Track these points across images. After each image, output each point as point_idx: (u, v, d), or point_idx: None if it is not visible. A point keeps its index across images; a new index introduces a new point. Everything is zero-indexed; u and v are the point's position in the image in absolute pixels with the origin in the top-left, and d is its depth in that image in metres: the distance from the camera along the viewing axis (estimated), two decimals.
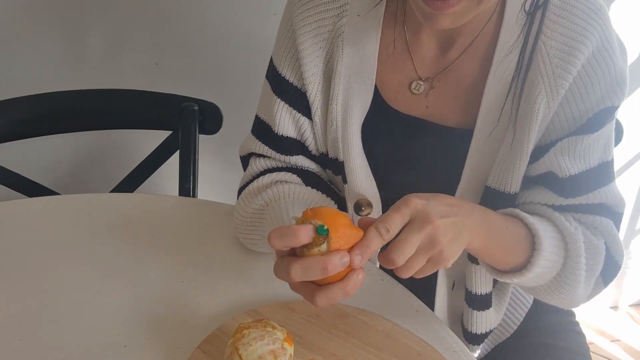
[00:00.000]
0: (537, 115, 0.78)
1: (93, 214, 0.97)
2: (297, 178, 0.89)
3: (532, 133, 0.78)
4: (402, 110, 0.86)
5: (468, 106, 0.83)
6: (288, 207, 0.80)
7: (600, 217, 0.83)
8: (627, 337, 1.96)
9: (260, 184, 0.88)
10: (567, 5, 0.76)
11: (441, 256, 0.64)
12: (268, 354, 0.63)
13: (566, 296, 0.81)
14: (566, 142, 0.79)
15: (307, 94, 0.87)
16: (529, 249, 0.76)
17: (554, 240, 0.77)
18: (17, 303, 0.78)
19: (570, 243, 0.78)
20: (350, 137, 0.85)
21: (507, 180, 0.81)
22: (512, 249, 0.76)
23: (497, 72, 0.79)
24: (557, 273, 0.79)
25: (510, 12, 0.79)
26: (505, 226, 0.75)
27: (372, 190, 0.88)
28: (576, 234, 0.78)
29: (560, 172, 0.79)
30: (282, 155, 0.90)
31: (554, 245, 0.77)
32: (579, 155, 0.79)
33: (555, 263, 0.77)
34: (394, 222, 0.62)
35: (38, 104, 1.22)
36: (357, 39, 0.83)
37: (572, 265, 0.78)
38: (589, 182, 0.81)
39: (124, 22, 1.39)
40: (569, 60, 0.76)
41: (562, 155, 0.79)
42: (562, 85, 0.76)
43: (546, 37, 0.76)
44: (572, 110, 0.78)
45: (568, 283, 0.79)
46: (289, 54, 0.87)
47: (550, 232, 0.78)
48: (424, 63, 0.85)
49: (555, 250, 0.77)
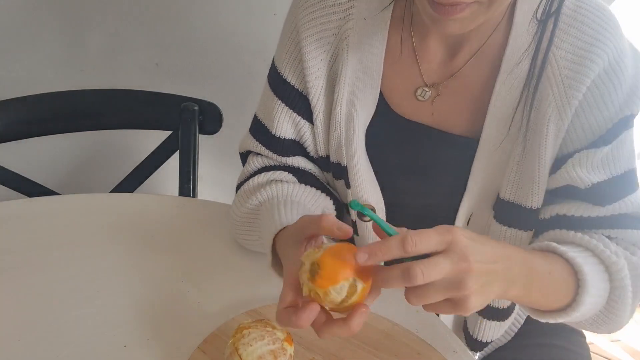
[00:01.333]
0: (548, 126, 0.76)
1: (93, 214, 0.97)
2: (292, 177, 0.89)
3: (546, 145, 0.77)
4: (407, 116, 0.84)
5: (474, 114, 0.82)
6: (280, 207, 0.78)
7: (629, 230, 0.78)
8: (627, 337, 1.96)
9: (256, 183, 0.88)
10: (577, 15, 0.74)
11: (464, 303, 0.59)
12: (268, 354, 0.63)
13: (615, 324, 0.76)
14: (584, 154, 0.77)
15: (309, 97, 0.86)
16: (573, 288, 0.70)
17: (598, 274, 0.72)
18: (17, 303, 0.78)
19: (614, 273, 0.73)
20: (354, 142, 0.84)
21: (526, 194, 0.79)
22: (555, 294, 0.70)
23: (506, 81, 0.78)
24: (604, 305, 0.74)
25: (519, 20, 0.77)
26: (548, 271, 0.69)
27: (376, 196, 0.87)
28: (618, 261, 0.73)
29: (581, 184, 0.76)
30: (279, 156, 0.90)
31: (599, 279, 0.72)
32: (597, 166, 0.76)
33: (601, 297, 0.72)
34: (426, 240, 0.57)
35: (38, 104, 1.22)
36: (363, 43, 0.82)
37: (618, 294, 0.73)
38: (616, 190, 0.77)
39: (124, 22, 1.39)
40: (580, 71, 0.74)
41: (579, 167, 0.76)
42: (574, 96, 0.75)
43: (556, 46, 0.75)
44: (590, 121, 0.76)
45: (616, 313, 0.74)
46: (291, 56, 0.86)
47: (592, 264, 0.72)
48: (430, 69, 0.83)
49: (601, 284, 0.72)
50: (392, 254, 0.57)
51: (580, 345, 0.98)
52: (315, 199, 0.87)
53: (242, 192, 0.89)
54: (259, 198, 0.85)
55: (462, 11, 0.67)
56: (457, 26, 0.70)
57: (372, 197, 0.87)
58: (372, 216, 0.63)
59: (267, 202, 0.83)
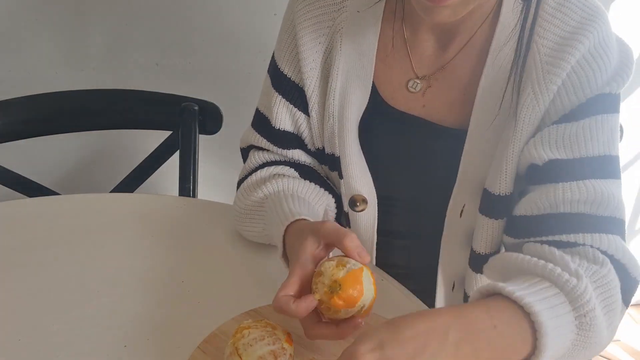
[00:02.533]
0: (522, 111, 0.76)
1: (93, 214, 0.97)
2: (294, 172, 0.90)
3: (517, 130, 0.76)
4: (399, 108, 0.86)
5: (463, 106, 0.83)
6: (289, 200, 0.81)
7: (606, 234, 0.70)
8: (627, 337, 1.96)
9: (259, 177, 0.89)
10: (562, 7, 0.75)
11: None
12: (268, 354, 0.63)
13: (596, 347, 0.65)
14: (546, 130, 0.75)
15: (304, 89, 0.87)
16: (530, 333, 0.59)
17: (556, 309, 0.61)
18: (17, 303, 0.78)
19: (576, 300, 0.62)
20: (347, 133, 0.86)
21: (498, 180, 0.79)
22: (508, 347, 0.59)
23: (492, 67, 0.79)
24: (575, 337, 0.63)
25: (506, 11, 0.79)
26: (492, 325, 0.59)
27: (368, 187, 0.88)
28: (578, 285, 0.62)
29: (538, 159, 0.72)
30: (280, 148, 0.91)
31: (557, 314, 0.61)
32: (561, 145, 0.72)
33: (567, 332, 0.62)
34: None
35: (38, 104, 1.22)
36: (356, 35, 0.84)
37: (588, 321, 0.62)
38: (581, 170, 0.71)
39: (124, 22, 1.39)
40: (560, 57, 0.74)
41: (541, 145, 0.74)
42: (553, 81, 0.75)
43: (539, 36, 0.76)
44: (564, 104, 0.75)
45: (591, 338, 0.63)
46: (288, 50, 0.87)
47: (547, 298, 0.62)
48: (422, 61, 0.85)
49: (562, 319, 0.61)
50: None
51: None
52: (320, 196, 0.88)
53: (245, 185, 0.90)
54: (264, 191, 0.86)
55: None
56: (448, 13, 0.70)
57: (365, 188, 0.88)
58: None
59: (273, 195, 0.84)
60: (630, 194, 1.90)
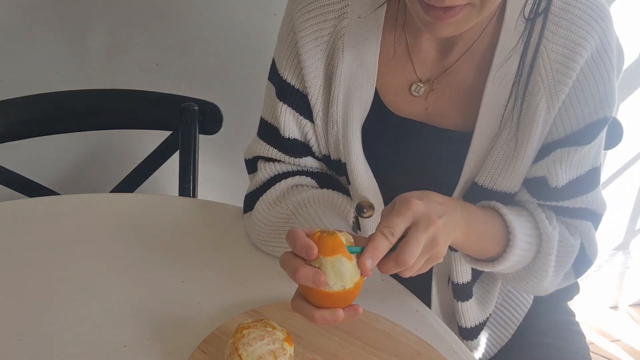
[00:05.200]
0: (538, 120, 0.78)
1: (93, 214, 0.97)
2: (312, 181, 0.89)
3: (533, 137, 0.79)
4: (402, 113, 0.86)
5: (467, 109, 0.83)
6: (319, 213, 0.82)
7: (581, 220, 0.86)
8: (627, 337, 1.96)
9: (279, 192, 0.88)
10: (569, 7, 0.76)
11: (438, 254, 0.68)
12: (268, 354, 0.63)
13: (533, 285, 0.86)
14: (566, 151, 0.80)
15: (308, 96, 0.87)
16: (504, 243, 0.80)
17: (528, 237, 0.81)
18: (17, 303, 0.78)
19: (545, 241, 0.81)
20: (351, 139, 0.85)
21: (503, 180, 0.82)
22: (488, 243, 0.80)
23: (496, 76, 0.79)
24: (527, 265, 0.83)
25: (509, 16, 0.78)
26: (484, 221, 0.79)
27: (374, 192, 0.87)
28: (552, 233, 0.82)
29: (553, 181, 0.82)
30: (292, 157, 0.90)
31: (527, 242, 0.81)
32: (573, 165, 0.82)
33: (525, 258, 0.82)
34: (398, 225, 0.65)
35: (38, 104, 1.22)
36: (358, 41, 0.83)
37: (541, 261, 0.82)
38: (577, 188, 0.84)
39: (124, 22, 1.39)
40: (568, 65, 0.76)
41: (560, 164, 0.81)
42: (563, 90, 0.77)
43: (548, 40, 0.76)
44: (569, 114, 0.79)
45: (535, 275, 0.84)
46: (290, 57, 0.86)
47: (527, 228, 0.81)
48: (424, 66, 0.85)
49: (527, 246, 0.81)
50: (385, 249, 0.64)
51: (580, 345, 0.98)
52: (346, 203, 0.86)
53: (265, 201, 0.88)
54: (289, 206, 0.85)
55: (456, 15, 0.68)
56: (450, 29, 0.71)
57: (371, 192, 0.87)
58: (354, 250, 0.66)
59: (300, 208, 0.85)
60: (630, 194, 1.89)
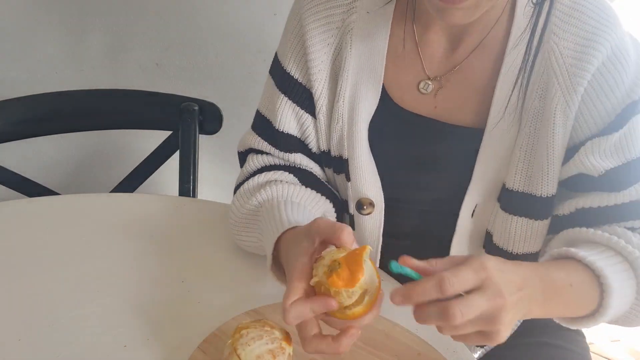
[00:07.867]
0: (555, 115, 0.77)
1: (93, 214, 0.97)
2: (294, 177, 0.88)
3: (554, 133, 0.78)
4: (410, 109, 0.85)
5: (478, 105, 0.82)
6: (280, 207, 0.78)
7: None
8: (627, 337, 1.96)
9: (255, 184, 0.87)
10: (577, 5, 0.76)
11: (496, 335, 0.61)
12: (266, 354, 0.63)
13: None
14: (596, 142, 0.77)
15: (312, 90, 0.86)
16: (598, 293, 0.71)
17: (621, 273, 0.72)
18: (17, 303, 0.78)
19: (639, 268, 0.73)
20: (357, 135, 0.85)
21: (537, 183, 0.80)
22: (579, 304, 0.72)
23: (508, 70, 0.79)
24: (634, 302, 0.74)
25: (520, 10, 0.79)
26: (568, 284, 0.69)
27: (376, 190, 0.87)
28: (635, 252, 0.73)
29: (594, 171, 0.77)
30: (281, 152, 0.90)
31: (622, 278, 0.72)
32: (609, 153, 0.77)
33: (628, 296, 0.73)
34: (463, 281, 0.59)
35: (38, 104, 1.23)
36: (367, 36, 0.83)
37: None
38: (630, 175, 0.78)
39: (124, 22, 1.39)
40: (583, 59, 0.76)
41: (592, 155, 0.77)
42: (579, 83, 0.76)
43: (558, 37, 0.76)
44: (598, 108, 0.77)
45: None
46: (295, 50, 0.86)
47: (614, 264, 0.72)
48: (433, 62, 0.84)
49: (625, 283, 0.72)
50: (429, 297, 0.59)
51: (580, 345, 0.98)
52: (316, 201, 0.87)
53: (241, 192, 0.88)
54: (259, 199, 0.84)
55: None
56: (461, 15, 0.71)
57: (372, 190, 0.87)
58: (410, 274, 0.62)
59: (266, 202, 0.82)
60: None
